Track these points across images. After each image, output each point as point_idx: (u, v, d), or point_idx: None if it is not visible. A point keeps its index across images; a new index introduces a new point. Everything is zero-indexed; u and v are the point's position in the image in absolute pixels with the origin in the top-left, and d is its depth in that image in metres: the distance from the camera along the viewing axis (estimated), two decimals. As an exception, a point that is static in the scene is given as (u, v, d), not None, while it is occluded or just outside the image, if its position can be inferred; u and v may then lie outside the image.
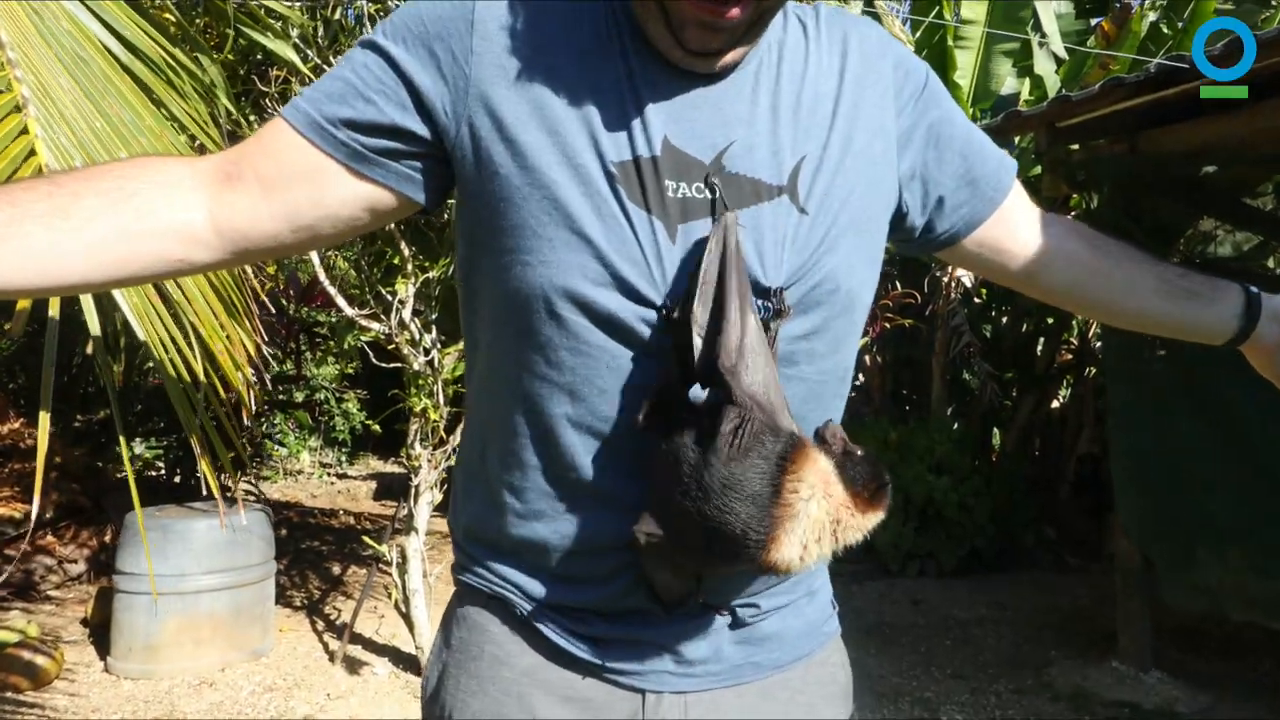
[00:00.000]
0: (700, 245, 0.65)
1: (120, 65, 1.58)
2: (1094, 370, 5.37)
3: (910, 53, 0.79)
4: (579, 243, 0.64)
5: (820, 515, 0.61)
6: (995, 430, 5.53)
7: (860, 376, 5.44)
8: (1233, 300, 0.82)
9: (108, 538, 4.34)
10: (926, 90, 0.77)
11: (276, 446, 6.83)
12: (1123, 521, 3.26)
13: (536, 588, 0.72)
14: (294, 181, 0.67)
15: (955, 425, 5.17)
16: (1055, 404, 5.72)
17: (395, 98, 0.67)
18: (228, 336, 1.25)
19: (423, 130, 0.67)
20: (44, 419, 1.10)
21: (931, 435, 4.61)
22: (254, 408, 1.41)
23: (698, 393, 0.66)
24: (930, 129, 0.76)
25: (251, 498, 4.75)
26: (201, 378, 1.16)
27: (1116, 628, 3.34)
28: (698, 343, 0.63)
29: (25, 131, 1.11)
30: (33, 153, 1.09)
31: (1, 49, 1.14)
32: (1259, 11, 4.77)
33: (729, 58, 0.67)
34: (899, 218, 0.77)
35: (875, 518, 0.64)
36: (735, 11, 0.63)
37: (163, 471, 5.68)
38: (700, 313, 0.63)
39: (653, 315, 0.65)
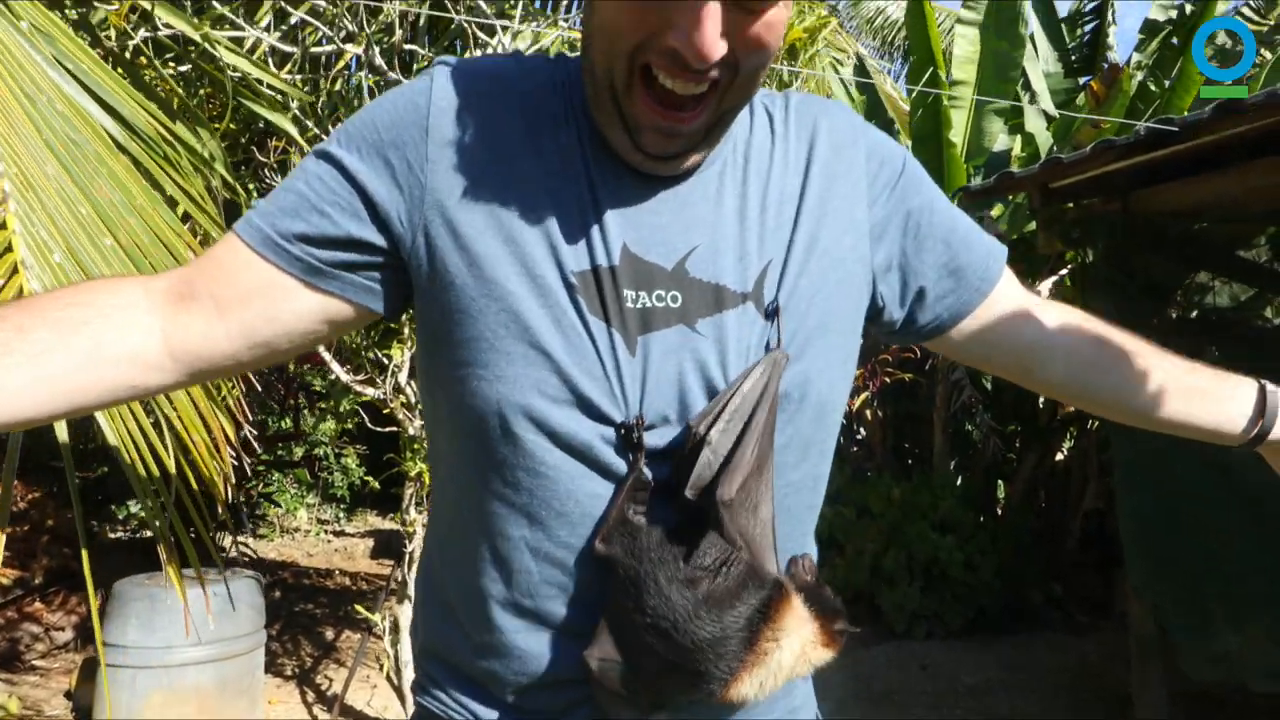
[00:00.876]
0: (660, 356, 0.63)
1: (115, 144, 1.59)
2: (1096, 422, 5.33)
3: (886, 139, 0.76)
4: (537, 357, 0.62)
5: (789, 661, 0.61)
6: (999, 483, 5.46)
7: (861, 431, 5.40)
8: (1244, 399, 0.77)
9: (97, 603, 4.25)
10: (904, 177, 0.74)
11: (273, 506, 6.75)
12: (1134, 585, 3.18)
13: (494, 718, 0.68)
14: (249, 299, 0.65)
15: (958, 480, 5.10)
16: (1059, 456, 5.65)
17: (349, 208, 0.65)
18: (206, 427, 1.23)
19: (378, 239, 0.66)
20: (-1, 539, 1.06)
21: (934, 492, 4.54)
22: (229, 498, 1.38)
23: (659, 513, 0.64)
24: (909, 217, 0.73)
25: (245, 558, 4.66)
26: (172, 471, 1.13)
27: (1131, 692, 3.24)
28: (708, 460, 0.61)
29: (3, 227, 1.11)
30: (9, 248, 1.09)
31: (-14, 143, 1.15)
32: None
33: (690, 161, 0.66)
34: (875, 311, 0.75)
35: (831, 654, 0.64)
36: (690, 117, 0.62)
37: (157, 532, 5.59)
38: (720, 438, 0.61)
39: (611, 433, 0.63)
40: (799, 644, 0.61)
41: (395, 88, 0.69)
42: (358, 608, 3.33)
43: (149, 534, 5.63)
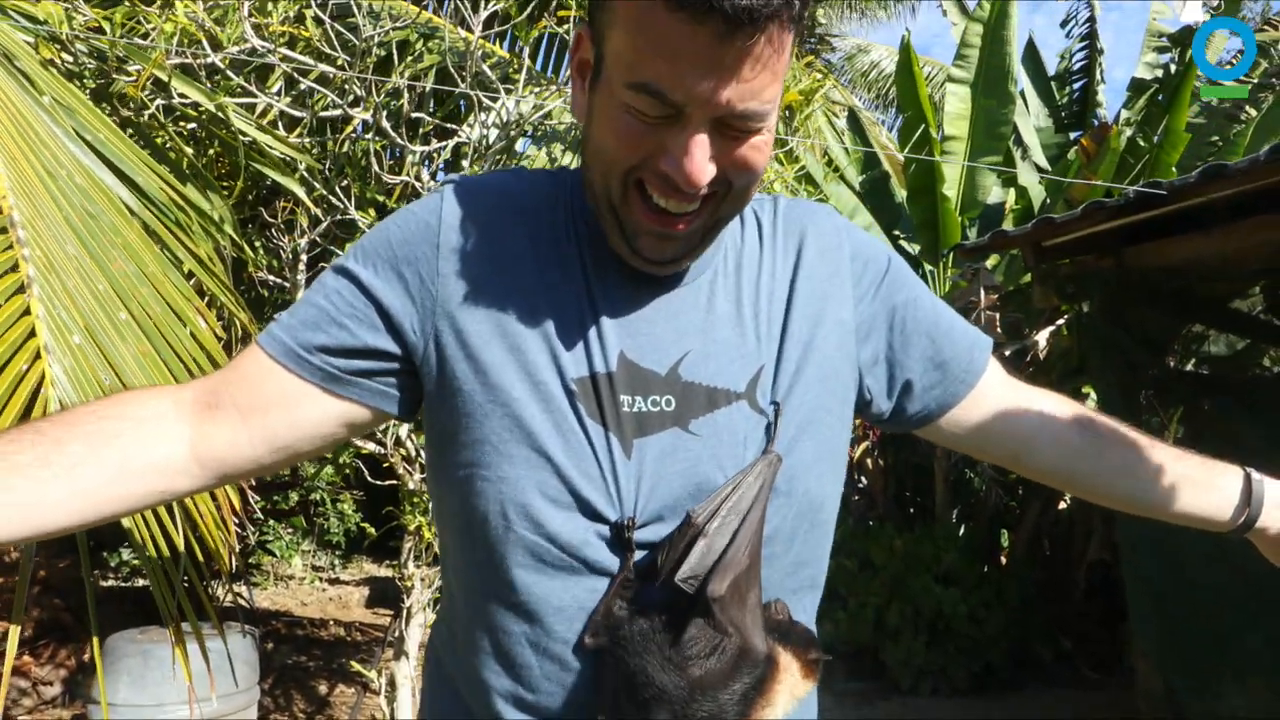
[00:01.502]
0: (655, 459, 0.66)
1: (129, 212, 1.63)
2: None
3: (870, 239, 0.80)
4: (539, 460, 0.65)
5: (780, 714, 0.64)
6: (1003, 532, 5.42)
7: (863, 480, 5.39)
8: (1231, 488, 0.79)
9: (87, 656, 4.18)
10: (889, 276, 0.77)
11: (267, 555, 6.68)
12: (1141, 646, 3.15)
13: None
14: (271, 407, 0.69)
15: (961, 530, 5.07)
16: (1061, 505, 5.62)
17: (366, 320, 0.69)
18: (213, 498, 1.25)
19: (393, 347, 0.70)
20: (13, 634, 1.07)
21: (937, 543, 4.52)
22: (233, 568, 1.39)
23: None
24: (894, 314, 0.77)
25: (241, 609, 4.59)
26: (181, 549, 1.14)
27: (1142, 753, 3.18)
28: (702, 551, 0.63)
29: (28, 312, 1.14)
30: (33, 334, 1.12)
31: (14, 228, 1.19)
32: (1229, 126, 4.98)
33: (686, 263, 0.70)
34: (864, 403, 0.78)
35: (812, 685, 0.68)
36: (685, 225, 0.65)
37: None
38: (716, 532, 0.64)
39: (607, 531, 0.66)
40: (788, 697, 0.65)
41: (408, 205, 0.74)
42: (353, 664, 3.28)
43: (141, 583, 5.56)
